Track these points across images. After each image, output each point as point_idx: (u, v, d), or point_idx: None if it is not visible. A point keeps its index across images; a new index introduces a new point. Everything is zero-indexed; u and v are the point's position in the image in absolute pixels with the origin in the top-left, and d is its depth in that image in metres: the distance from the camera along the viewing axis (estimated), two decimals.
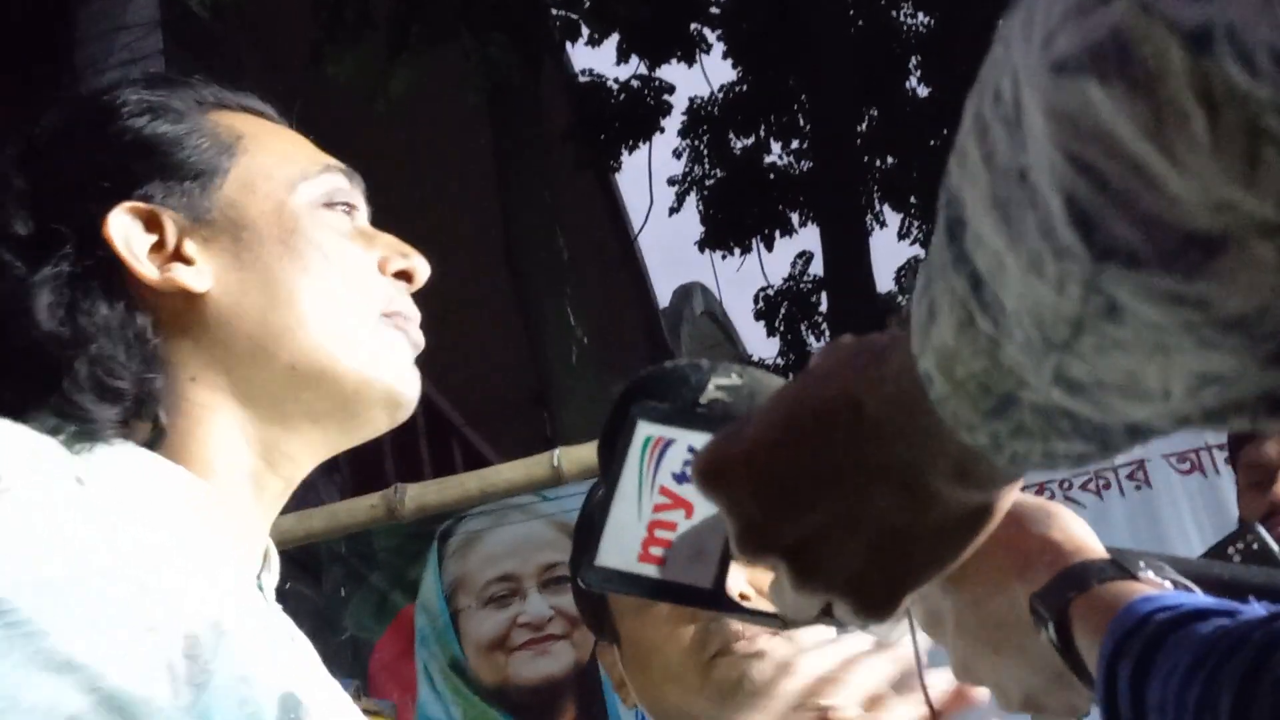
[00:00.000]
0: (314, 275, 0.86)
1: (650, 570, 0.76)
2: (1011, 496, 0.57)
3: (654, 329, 12.55)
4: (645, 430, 0.78)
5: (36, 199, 0.86)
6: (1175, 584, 0.73)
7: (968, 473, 0.53)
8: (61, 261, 0.83)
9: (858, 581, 0.59)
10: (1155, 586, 0.71)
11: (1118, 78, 0.34)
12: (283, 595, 0.90)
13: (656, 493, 0.77)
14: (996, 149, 0.41)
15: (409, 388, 0.89)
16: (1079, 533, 0.76)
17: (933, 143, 10.38)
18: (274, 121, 0.96)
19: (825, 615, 0.77)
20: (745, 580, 1.18)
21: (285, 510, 0.90)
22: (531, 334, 7.32)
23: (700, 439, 0.77)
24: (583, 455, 3.03)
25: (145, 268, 0.84)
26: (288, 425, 0.86)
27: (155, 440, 0.83)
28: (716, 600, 0.76)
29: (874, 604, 0.60)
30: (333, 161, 0.94)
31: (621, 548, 0.76)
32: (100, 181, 0.86)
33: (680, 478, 0.77)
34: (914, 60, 11.10)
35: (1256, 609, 0.66)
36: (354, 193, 0.93)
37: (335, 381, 0.86)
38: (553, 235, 7.36)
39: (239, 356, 0.85)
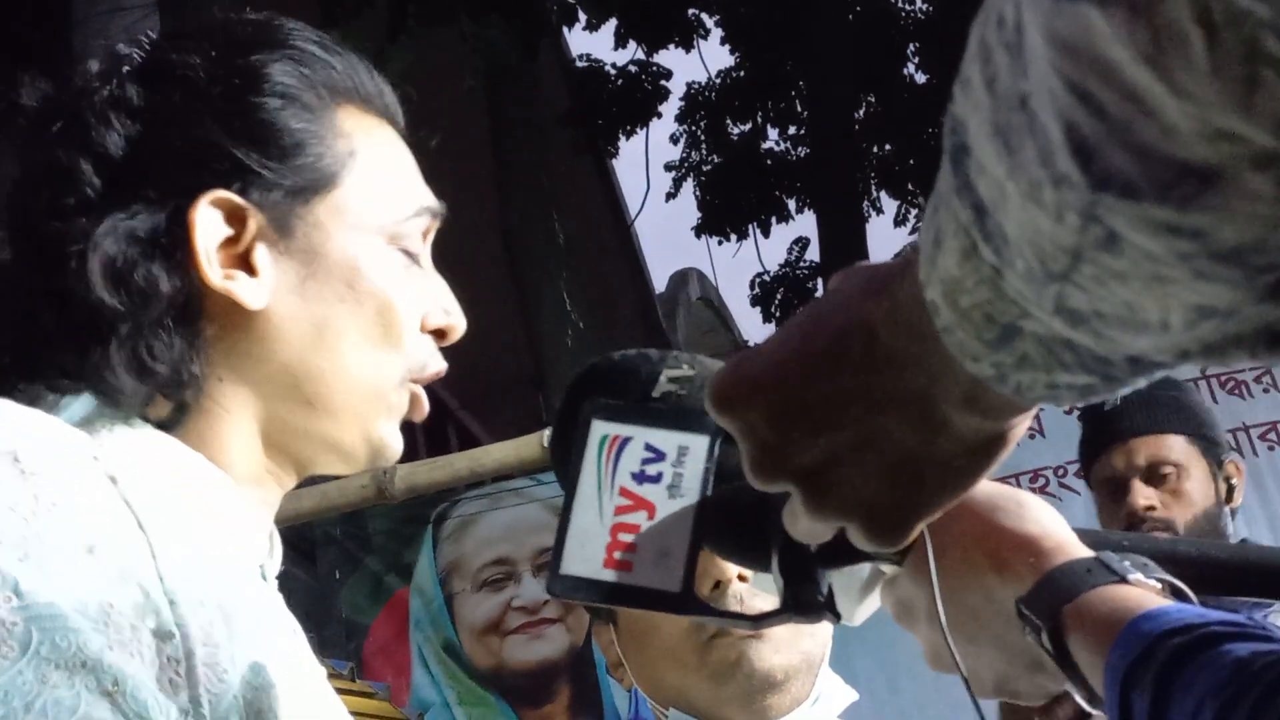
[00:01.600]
0: (361, 326, 0.87)
1: (617, 576, 0.73)
2: (1025, 425, 0.57)
3: (650, 315, 12.54)
4: (601, 429, 0.76)
5: (145, 121, 0.85)
6: (1162, 582, 0.72)
7: (977, 401, 0.53)
8: (136, 215, 0.81)
9: (871, 506, 0.59)
10: (1146, 589, 0.70)
11: (1117, 2, 0.34)
12: (277, 578, 0.90)
13: (617, 494, 0.75)
14: (998, 74, 0.41)
15: (395, 449, 0.91)
16: (1053, 525, 0.75)
17: (930, 129, 10.37)
18: (394, 126, 0.96)
19: (798, 612, 0.76)
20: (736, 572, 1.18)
21: None
22: (527, 318, 7.31)
23: (656, 435, 0.76)
24: None
25: (211, 267, 0.83)
26: (287, 444, 0.88)
27: (173, 421, 0.83)
28: (686, 603, 0.74)
29: (887, 529, 0.60)
30: (427, 203, 0.93)
31: (586, 554, 0.74)
32: (209, 156, 0.84)
33: (639, 477, 0.75)
34: (912, 46, 11.07)
35: (1268, 627, 0.64)
36: (433, 227, 0.94)
37: (339, 428, 0.88)
38: (549, 219, 7.36)
39: (269, 376, 0.85)
